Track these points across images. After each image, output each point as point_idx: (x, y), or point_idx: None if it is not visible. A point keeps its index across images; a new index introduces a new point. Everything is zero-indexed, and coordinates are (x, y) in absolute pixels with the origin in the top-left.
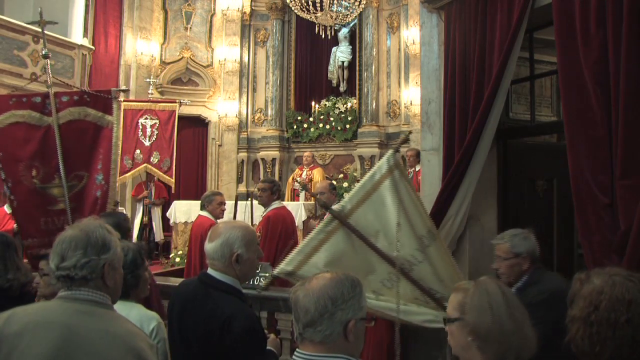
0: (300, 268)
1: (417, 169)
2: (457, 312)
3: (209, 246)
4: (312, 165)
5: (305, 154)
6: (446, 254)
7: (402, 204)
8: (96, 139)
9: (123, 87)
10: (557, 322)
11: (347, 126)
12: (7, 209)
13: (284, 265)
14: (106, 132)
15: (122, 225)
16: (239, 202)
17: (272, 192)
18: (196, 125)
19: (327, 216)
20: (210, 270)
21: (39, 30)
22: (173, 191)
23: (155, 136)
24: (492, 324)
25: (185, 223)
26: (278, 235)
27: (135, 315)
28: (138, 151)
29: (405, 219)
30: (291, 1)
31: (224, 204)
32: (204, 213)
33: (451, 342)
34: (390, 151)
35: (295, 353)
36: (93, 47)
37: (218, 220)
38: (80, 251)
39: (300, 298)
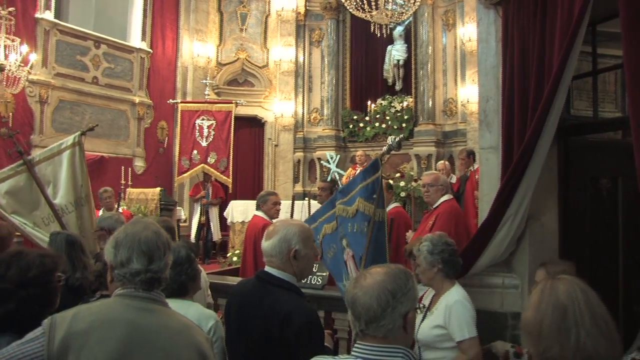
0: None
1: (474, 168)
2: None
3: (266, 244)
4: (365, 164)
5: (358, 153)
6: (91, 217)
7: (75, 171)
8: None
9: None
10: None
11: (403, 125)
12: None
13: None
14: None
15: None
16: (295, 202)
17: (332, 192)
18: (252, 126)
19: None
20: (267, 268)
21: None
22: (230, 191)
23: (212, 137)
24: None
25: (242, 222)
26: None
27: (193, 313)
28: (195, 152)
29: (74, 180)
30: (346, 0)
31: (279, 203)
32: (259, 213)
33: None
34: (78, 132)
35: (355, 345)
36: (151, 50)
37: (273, 220)
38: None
39: (360, 296)
